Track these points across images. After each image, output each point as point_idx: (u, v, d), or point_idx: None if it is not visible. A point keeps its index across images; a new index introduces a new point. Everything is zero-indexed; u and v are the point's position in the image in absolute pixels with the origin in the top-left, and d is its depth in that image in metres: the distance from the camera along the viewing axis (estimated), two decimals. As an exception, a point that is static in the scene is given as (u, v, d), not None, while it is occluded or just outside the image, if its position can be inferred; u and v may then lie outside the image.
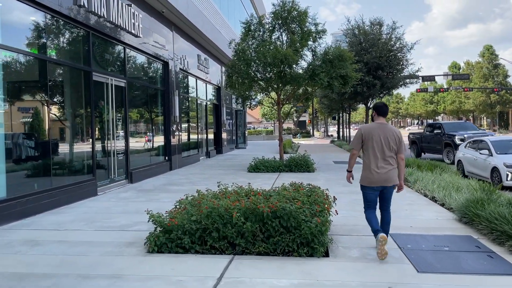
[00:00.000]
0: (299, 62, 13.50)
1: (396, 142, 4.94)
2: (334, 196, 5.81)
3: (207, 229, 5.05)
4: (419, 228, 6.05)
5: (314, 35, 13.67)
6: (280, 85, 13.90)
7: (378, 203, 5.08)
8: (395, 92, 22.99)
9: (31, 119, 7.70)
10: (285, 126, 64.90)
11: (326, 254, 4.89)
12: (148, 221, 5.31)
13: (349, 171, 5.33)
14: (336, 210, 5.60)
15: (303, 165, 13.13)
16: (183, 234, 5.06)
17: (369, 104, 23.40)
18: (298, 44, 13.35)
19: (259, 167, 13.24)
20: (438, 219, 6.67)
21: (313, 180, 11.08)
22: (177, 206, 6.02)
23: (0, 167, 6.78)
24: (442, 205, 7.69)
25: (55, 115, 8.52)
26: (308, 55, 14.15)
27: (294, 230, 4.89)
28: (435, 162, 12.55)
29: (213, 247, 4.99)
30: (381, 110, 5.10)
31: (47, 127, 8.02)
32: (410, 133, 21.31)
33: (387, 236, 4.85)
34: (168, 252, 4.99)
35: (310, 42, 13.85)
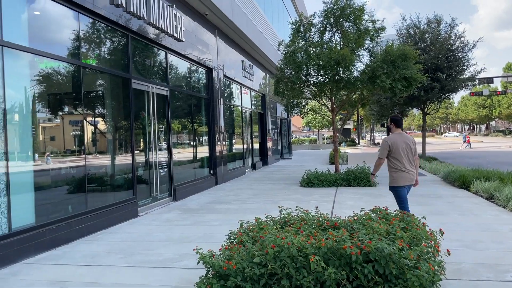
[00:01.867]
0: (355, 64, 12.15)
1: (412, 147, 5.93)
2: (440, 229, 4.42)
3: (274, 275, 3.83)
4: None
5: (372, 33, 12.29)
6: (334, 90, 12.56)
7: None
8: (456, 95, 21.06)
9: (62, 133, 6.81)
10: (327, 134, 62.96)
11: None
12: (198, 262, 4.15)
13: (373, 174, 6.35)
14: (448, 250, 4.19)
15: (363, 178, 11.68)
16: (244, 281, 3.85)
17: (426, 109, 21.50)
18: (353, 44, 12.01)
19: (313, 181, 11.91)
20: None
21: (378, 197, 9.67)
22: (231, 238, 4.85)
23: (28, 188, 5.88)
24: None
25: (91, 127, 7.62)
26: (365, 56, 12.79)
27: (395, 280, 3.57)
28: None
29: (284, 300, 3.76)
30: (400, 123, 6.08)
31: (82, 141, 7.13)
32: None
33: None
34: (224, 305, 3.80)
35: (367, 42, 12.49)
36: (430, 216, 6.82)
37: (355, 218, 4.71)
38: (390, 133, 6.14)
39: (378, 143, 51.89)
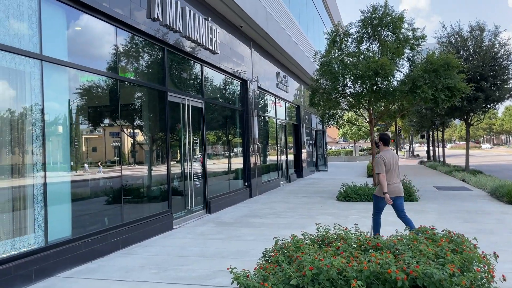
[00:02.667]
0: (394, 74, 11.76)
1: (397, 162, 6.43)
2: (494, 252, 4.06)
3: (312, 299, 3.61)
4: None
5: (411, 42, 11.88)
6: (373, 100, 12.20)
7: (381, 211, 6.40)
8: (501, 105, 20.03)
9: (100, 144, 6.88)
10: (364, 145, 61.69)
11: None
12: (232, 282, 3.99)
13: (386, 192, 6.14)
14: (504, 276, 3.83)
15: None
16: (280, 304, 3.65)
17: (469, 120, 20.58)
18: (392, 53, 11.64)
19: (350, 195, 11.54)
20: None
21: (421, 213, 9.21)
22: (267, 256, 4.67)
23: (65, 200, 5.93)
24: None
25: (128, 139, 7.68)
26: (404, 65, 12.39)
27: (445, 309, 3.28)
28: None
29: (323, 327, 3.52)
30: (388, 141, 6.56)
31: (119, 153, 7.17)
32: None
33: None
34: (260, 329, 3.61)
35: (407, 51, 12.09)
36: (478, 235, 6.36)
37: (399, 238, 4.42)
38: (378, 149, 6.64)
39: (418, 155, 50.30)
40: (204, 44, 9.84)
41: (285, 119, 18.96)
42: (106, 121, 7.09)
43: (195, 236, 7.67)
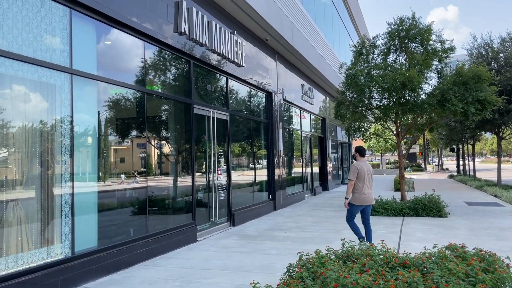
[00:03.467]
0: (422, 86, 11.55)
1: (371, 174, 7.25)
2: (531, 274, 3.87)
3: (337, 317, 3.51)
4: None
5: (440, 54, 11.65)
6: (400, 113, 11.98)
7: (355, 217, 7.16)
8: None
9: (128, 156, 6.99)
10: (391, 158, 60.60)
11: None
12: (255, 298, 3.93)
13: (347, 198, 7.17)
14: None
15: (432, 208, 10.88)
16: (303, 322, 3.57)
17: (501, 134, 19.95)
18: (420, 65, 11.44)
19: (377, 209, 11.29)
20: None
21: (450, 229, 8.93)
22: (290, 272, 4.59)
23: (92, 210, 6.03)
24: None
25: (154, 150, 7.78)
26: (432, 77, 12.15)
27: (478, 333, 3.12)
28: None
29: None
30: (364, 153, 7.39)
31: (145, 164, 7.27)
32: None
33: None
34: None
35: (435, 63, 11.86)
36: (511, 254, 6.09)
37: (428, 255, 4.27)
38: (355, 160, 7.39)
39: (447, 169, 48.98)
40: (230, 57, 9.93)
41: (310, 131, 18.85)
42: (134, 132, 7.21)
43: (219, 249, 7.65)
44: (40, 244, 5.12)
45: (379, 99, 12.30)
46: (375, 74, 11.76)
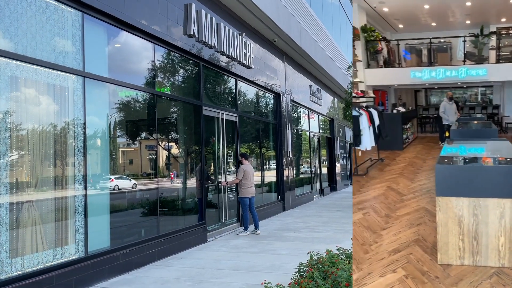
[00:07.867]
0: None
1: (254, 173, 9.42)
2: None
3: (349, 316, 3.54)
4: None
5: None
6: (409, 113, 11.94)
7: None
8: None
9: (138, 157, 7.07)
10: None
11: None
12: (267, 297, 3.96)
13: (227, 183, 9.42)
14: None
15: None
16: (315, 320, 3.61)
17: None
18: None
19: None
20: None
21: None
22: (301, 271, 4.62)
23: (105, 211, 6.11)
24: None
25: (164, 152, 7.86)
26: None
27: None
28: None
29: None
30: (247, 156, 9.49)
31: (155, 165, 7.35)
32: None
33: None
34: None
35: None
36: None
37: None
38: (241, 164, 9.27)
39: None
40: (239, 59, 9.98)
41: (319, 132, 18.85)
42: (143, 134, 7.29)
43: (229, 249, 7.70)
44: (55, 245, 5.20)
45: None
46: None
